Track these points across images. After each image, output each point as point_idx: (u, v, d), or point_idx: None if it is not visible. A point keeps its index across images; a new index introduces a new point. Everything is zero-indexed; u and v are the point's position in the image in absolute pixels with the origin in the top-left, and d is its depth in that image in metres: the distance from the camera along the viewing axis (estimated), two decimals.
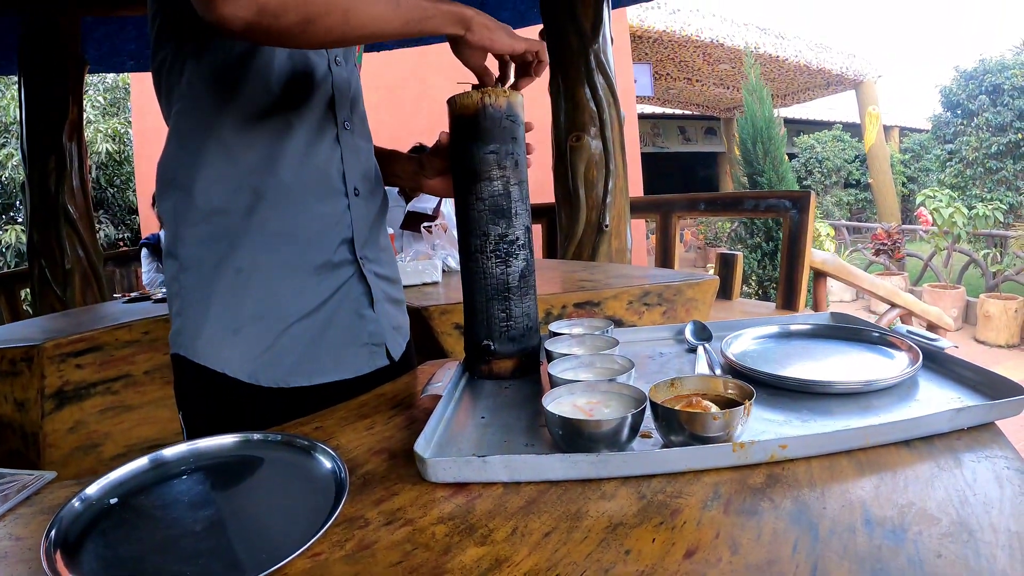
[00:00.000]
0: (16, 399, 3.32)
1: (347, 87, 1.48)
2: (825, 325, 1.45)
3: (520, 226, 1.31)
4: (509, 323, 1.32)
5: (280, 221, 1.37)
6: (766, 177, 11.48)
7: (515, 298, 1.32)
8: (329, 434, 1.20)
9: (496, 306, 1.31)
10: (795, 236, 4.90)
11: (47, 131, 5.39)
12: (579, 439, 0.96)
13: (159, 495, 1.03)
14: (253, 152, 1.34)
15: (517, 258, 1.31)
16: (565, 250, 4.99)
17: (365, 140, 1.55)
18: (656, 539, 0.77)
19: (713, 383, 1.06)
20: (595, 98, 4.78)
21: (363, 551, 0.82)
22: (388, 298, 1.59)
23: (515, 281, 1.31)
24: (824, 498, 0.82)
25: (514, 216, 1.30)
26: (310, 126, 1.39)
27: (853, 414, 1.04)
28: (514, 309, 1.32)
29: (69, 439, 3.38)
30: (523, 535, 0.82)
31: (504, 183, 1.29)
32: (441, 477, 0.96)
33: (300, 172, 1.37)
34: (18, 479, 1.15)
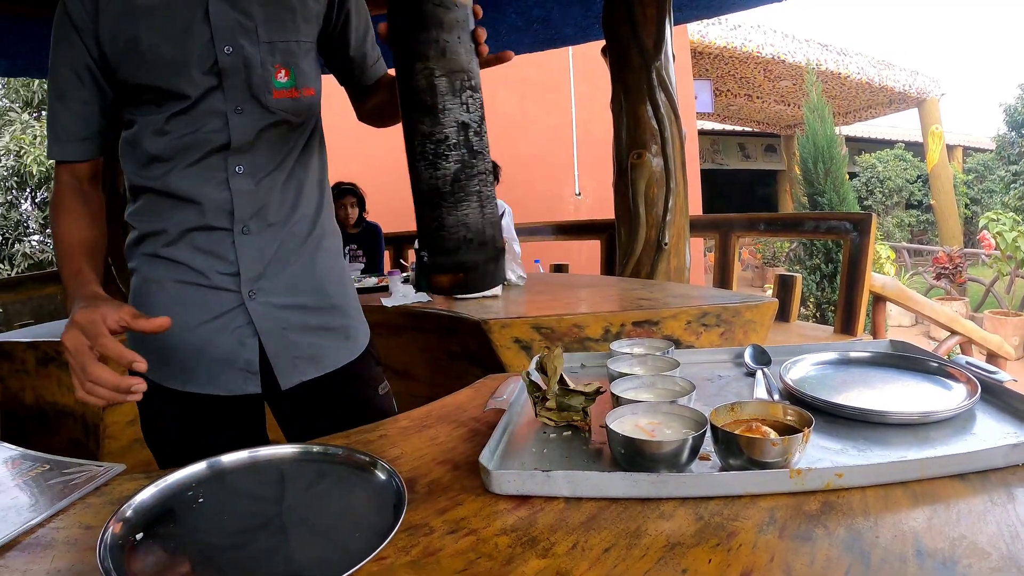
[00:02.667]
0: None
1: (247, 133, 1.49)
2: (884, 354, 1.45)
3: (450, 123, 1.16)
4: (442, 233, 1.19)
5: (173, 249, 1.51)
6: (827, 197, 11.23)
7: (447, 205, 1.18)
8: (393, 443, 1.25)
9: (427, 213, 1.20)
10: (855, 259, 4.83)
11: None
12: (640, 458, 0.98)
13: (219, 499, 1.08)
14: (152, 193, 1.51)
15: (447, 160, 1.16)
16: (624, 267, 4.95)
17: (270, 177, 1.55)
18: (712, 560, 0.79)
19: (772, 409, 1.07)
20: (657, 115, 4.73)
21: (427, 558, 0.85)
22: (299, 328, 1.60)
23: (446, 186, 1.17)
24: (877, 527, 0.83)
25: (441, 112, 1.15)
26: (194, 174, 1.47)
27: (910, 445, 1.05)
28: (447, 218, 1.18)
29: (128, 431, 3.48)
30: (583, 550, 0.84)
31: (427, 76, 1.15)
32: (505, 489, 0.99)
33: (184, 211, 1.49)
34: (87, 469, 1.21)
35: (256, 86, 1.46)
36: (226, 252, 1.51)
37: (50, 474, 1.22)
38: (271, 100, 1.48)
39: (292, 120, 1.54)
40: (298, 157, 1.58)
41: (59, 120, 1.47)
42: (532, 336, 3.06)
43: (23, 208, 13.00)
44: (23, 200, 13.00)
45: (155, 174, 1.47)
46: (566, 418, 1.21)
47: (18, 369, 3.52)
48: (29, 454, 1.32)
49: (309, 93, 1.55)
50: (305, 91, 1.54)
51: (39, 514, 1.05)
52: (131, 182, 1.53)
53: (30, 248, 12.68)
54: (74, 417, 3.49)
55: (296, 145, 1.58)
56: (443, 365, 3.57)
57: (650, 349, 1.47)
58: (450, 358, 3.50)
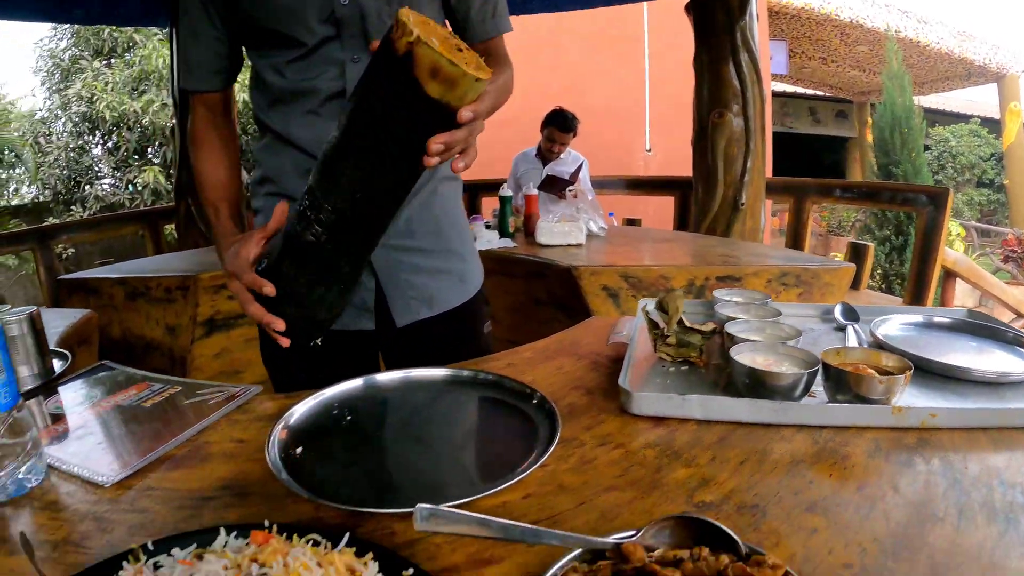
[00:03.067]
0: (168, 324, 3.63)
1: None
2: (964, 321, 1.53)
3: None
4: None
5: (295, 192, 1.48)
6: (902, 168, 10.91)
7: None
8: (522, 371, 1.36)
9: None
10: (929, 233, 4.73)
11: None
12: (762, 388, 1.10)
13: (375, 415, 1.20)
14: (274, 135, 1.55)
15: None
16: (699, 224, 4.99)
17: None
18: (832, 475, 0.93)
19: (874, 356, 1.18)
20: (739, 76, 4.70)
21: (585, 465, 0.99)
22: (415, 269, 1.63)
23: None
24: (965, 461, 0.96)
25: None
26: (312, 121, 1.50)
27: (989, 400, 1.16)
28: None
29: (214, 364, 3.69)
30: (721, 462, 0.97)
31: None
32: (643, 410, 1.12)
33: (303, 157, 1.51)
34: (223, 390, 1.34)
35: (373, 36, 1.40)
36: None
37: (183, 395, 1.33)
38: None
39: None
40: None
41: (192, 55, 1.52)
42: (620, 284, 3.16)
43: (94, 152, 13.25)
44: (94, 145, 13.25)
45: (276, 117, 1.52)
46: (683, 354, 1.32)
47: (105, 304, 3.67)
48: (156, 376, 1.43)
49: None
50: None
51: (186, 430, 1.15)
52: (257, 118, 1.58)
53: (101, 191, 12.95)
54: (161, 350, 3.69)
55: None
56: (527, 309, 3.68)
57: (748, 299, 1.56)
58: (535, 303, 3.61)
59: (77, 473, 1.02)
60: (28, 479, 0.98)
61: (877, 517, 0.82)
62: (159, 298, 3.61)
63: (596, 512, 0.86)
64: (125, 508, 0.93)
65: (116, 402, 1.30)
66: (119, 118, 12.41)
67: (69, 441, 1.14)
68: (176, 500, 0.94)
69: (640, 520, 0.81)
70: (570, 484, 0.93)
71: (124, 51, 13.27)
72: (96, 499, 0.96)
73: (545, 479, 0.95)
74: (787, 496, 0.87)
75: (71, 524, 0.89)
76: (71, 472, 1.03)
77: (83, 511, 0.93)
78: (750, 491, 0.89)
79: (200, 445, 1.11)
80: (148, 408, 1.27)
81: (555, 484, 0.93)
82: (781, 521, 0.82)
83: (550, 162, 5.15)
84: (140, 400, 1.30)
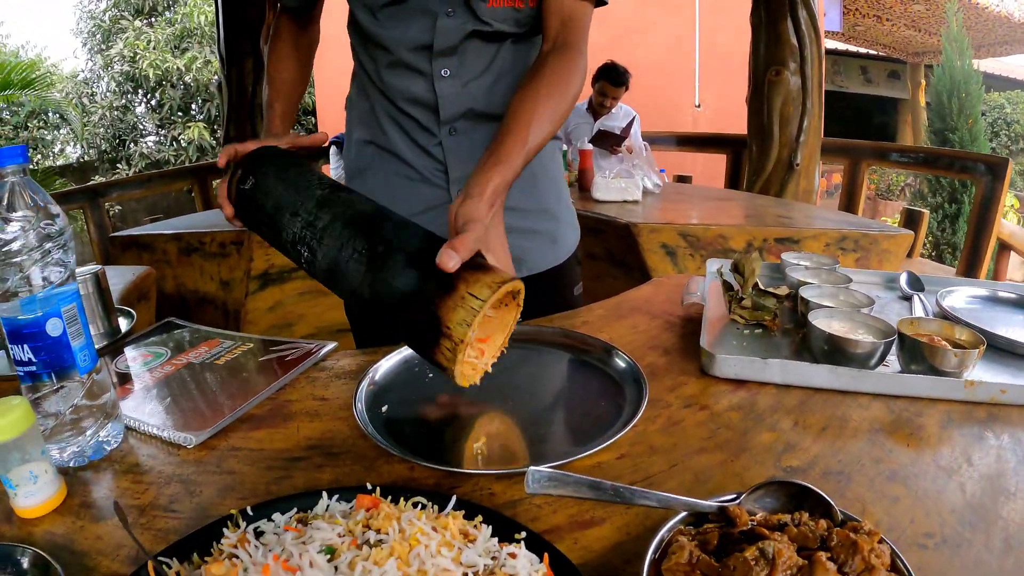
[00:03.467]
0: (222, 278, 3.70)
1: (451, 38, 1.43)
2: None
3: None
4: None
5: (386, 139, 1.56)
6: (958, 135, 10.45)
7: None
8: (598, 328, 1.37)
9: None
10: (986, 203, 4.56)
11: (245, 35, 5.68)
12: (840, 355, 1.11)
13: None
14: (368, 80, 1.55)
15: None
16: (752, 184, 4.94)
17: (479, 80, 1.49)
18: (909, 444, 0.94)
19: (946, 328, 1.17)
20: (797, 32, 4.56)
21: (674, 427, 1.00)
22: (508, 228, 1.50)
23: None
24: None
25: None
26: (403, 72, 1.49)
27: None
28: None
29: (267, 317, 3.75)
30: (803, 428, 0.98)
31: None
32: (725, 372, 1.13)
33: (395, 107, 1.52)
34: (298, 347, 1.33)
35: None
36: (435, 150, 1.52)
37: (256, 352, 1.34)
38: (483, 8, 1.40)
39: (505, 30, 1.44)
40: (512, 61, 1.50)
41: None
42: (678, 243, 3.16)
43: (138, 111, 13.40)
44: (138, 103, 13.39)
45: (368, 63, 1.51)
46: (757, 317, 1.32)
47: (159, 259, 3.72)
48: (226, 333, 1.44)
49: (532, 4, 1.43)
50: (531, 1, 1.43)
51: (265, 388, 1.16)
52: (355, 58, 1.58)
53: (146, 149, 13.11)
54: (215, 304, 3.77)
55: (508, 53, 1.50)
56: (582, 264, 3.58)
57: (817, 264, 1.56)
58: (590, 258, 3.59)
59: (157, 434, 1.03)
60: (108, 441, 0.99)
61: (954, 488, 0.83)
62: (213, 253, 3.67)
63: (689, 474, 0.88)
64: (211, 469, 0.94)
65: (188, 360, 1.30)
66: (162, 76, 12.56)
67: (143, 401, 1.14)
68: (263, 461, 0.95)
69: (732, 482, 0.84)
70: (661, 445, 0.95)
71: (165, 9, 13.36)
72: (180, 460, 0.97)
73: (636, 439, 0.96)
74: (868, 464, 0.89)
75: (157, 487, 0.90)
76: (150, 433, 1.04)
77: (168, 473, 0.94)
78: (834, 457, 0.90)
79: (281, 404, 1.13)
80: (221, 366, 1.27)
81: (646, 445, 0.95)
82: (865, 488, 0.84)
83: (601, 116, 5.12)
84: (212, 357, 1.31)
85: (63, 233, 0.93)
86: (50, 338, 0.92)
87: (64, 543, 0.80)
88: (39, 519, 0.85)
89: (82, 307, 0.97)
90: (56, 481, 0.87)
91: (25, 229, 0.88)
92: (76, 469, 0.95)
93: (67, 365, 0.94)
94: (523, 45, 1.49)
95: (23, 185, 0.90)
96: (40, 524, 0.85)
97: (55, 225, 0.91)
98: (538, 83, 1.30)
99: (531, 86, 1.30)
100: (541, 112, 1.25)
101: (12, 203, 0.88)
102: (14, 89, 9.09)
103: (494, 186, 1.10)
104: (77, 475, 0.94)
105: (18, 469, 0.83)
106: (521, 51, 1.49)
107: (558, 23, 1.39)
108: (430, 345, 0.88)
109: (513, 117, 1.25)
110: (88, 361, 0.97)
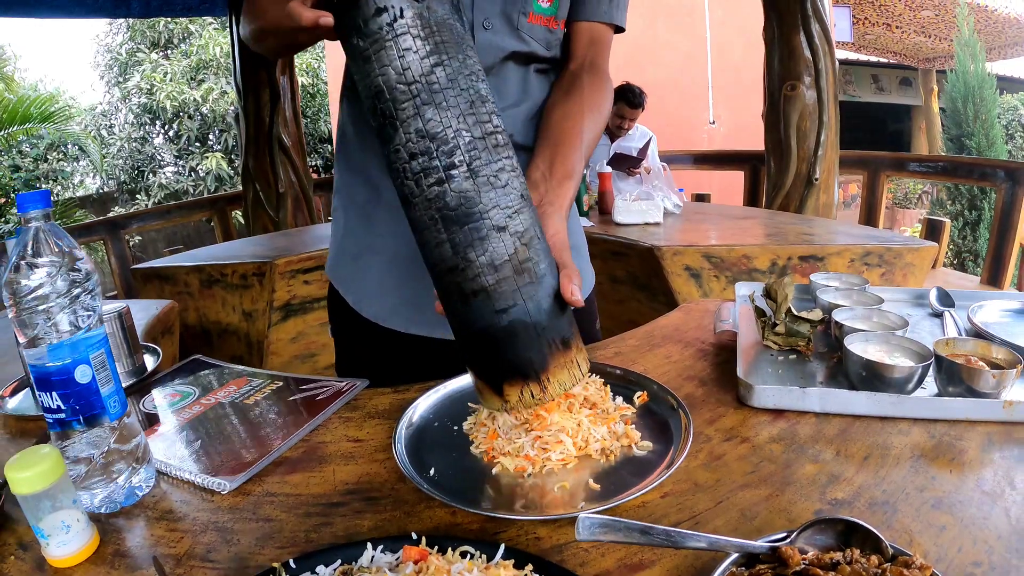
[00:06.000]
0: (244, 310, 3.71)
1: (490, 57, 1.37)
2: None
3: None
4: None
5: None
6: (975, 141, 10.36)
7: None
8: (632, 360, 1.36)
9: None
10: (1007, 210, 4.56)
11: (261, 66, 5.70)
12: (878, 381, 1.09)
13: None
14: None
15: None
16: (772, 200, 4.89)
17: (514, 111, 1.41)
18: (952, 470, 0.92)
19: (982, 347, 1.15)
20: (811, 46, 4.55)
21: (716, 461, 0.99)
22: None
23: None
24: None
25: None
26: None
27: None
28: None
29: (290, 348, 3.77)
30: (846, 457, 0.96)
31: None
32: (763, 403, 1.12)
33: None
34: (328, 384, 1.32)
35: (511, 1, 1.33)
36: None
37: (287, 390, 1.32)
38: (523, 22, 1.34)
39: (540, 53, 1.39)
40: (540, 92, 1.44)
41: None
42: (702, 265, 3.15)
43: (156, 142, 13.57)
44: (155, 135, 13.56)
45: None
46: (791, 343, 1.31)
47: (181, 291, 3.76)
48: (255, 371, 1.43)
49: (562, 27, 1.41)
50: (561, 24, 1.41)
51: (297, 429, 1.15)
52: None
53: (164, 179, 13.28)
54: (238, 336, 3.78)
55: (536, 82, 1.44)
56: (604, 289, 3.64)
57: (847, 284, 1.54)
58: (612, 281, 3.60)
59: (189, 479, 1.02)
60: (139, 487, 0.99)
61: (999, 514, 0.82)
62: (235, 284, 3.69)
63: (735, 511, 0.86)
64: (248, 517, 0.93)
65: (217, 399, 1.29)
66: (179, 107, 12.75)
67: (172, 443, 1.13)
68: (301, 507, 0.94)
69: (778, 519, 0.82)
70: (705, 482, 0.93)
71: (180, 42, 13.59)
72: (215, 507, 0.95)
73: (679, 477, 0.95)
74: (913, 492, 0.87)
75: (192, 535, 0.89)
76: (182, 478, 1.03)
77: (203, 520, 0.92)
78: (878, 487, 0.89)
79: (315, 446, 1.12)
80: (251, 405, 1.26)
81: (690, 482, 0.94)
82: (911, 519, 0.82)
83: (618, 139, 5.14)
84: (242, 397, 1.30)
85: (89, 278, 0.93)
86: (79, 385, 0.91)
87: None
88: (72, 568, 0.85)
89: (110, 352, 0.97)
90: (89, 529, 0.87)
91: (51, 275, 0.88)
92: (108, 516, 0.95)
93: (97, 412, 0.94)
94: (544, 79, 1.45)
95: (47, 231, 0.90)
96: (73, 574, 0.84)
97: (81, 271, 0.91)
98: (580, 99, 1.30)
99: (573, 100, 1.30)
100: (587, 126, 1.26)
101: (38, 249, 0.89)
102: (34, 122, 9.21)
103: (569, 201, 1.11)
104: (109, 522, 0.93)
105: (49, 518, 0.83)
106: (544, 84, 1.45)
107: (587, 43, 1.41)
108: (510, 377, 0.89)
109: (563, 129, 1.24)
110: (118, 407, 0.97)
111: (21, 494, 0.82)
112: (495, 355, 0.90)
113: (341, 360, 1.62)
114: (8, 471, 0.81)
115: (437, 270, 0.91)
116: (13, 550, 0.88)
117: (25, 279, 0.87)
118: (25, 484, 0.81)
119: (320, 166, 13.91)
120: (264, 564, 0.80)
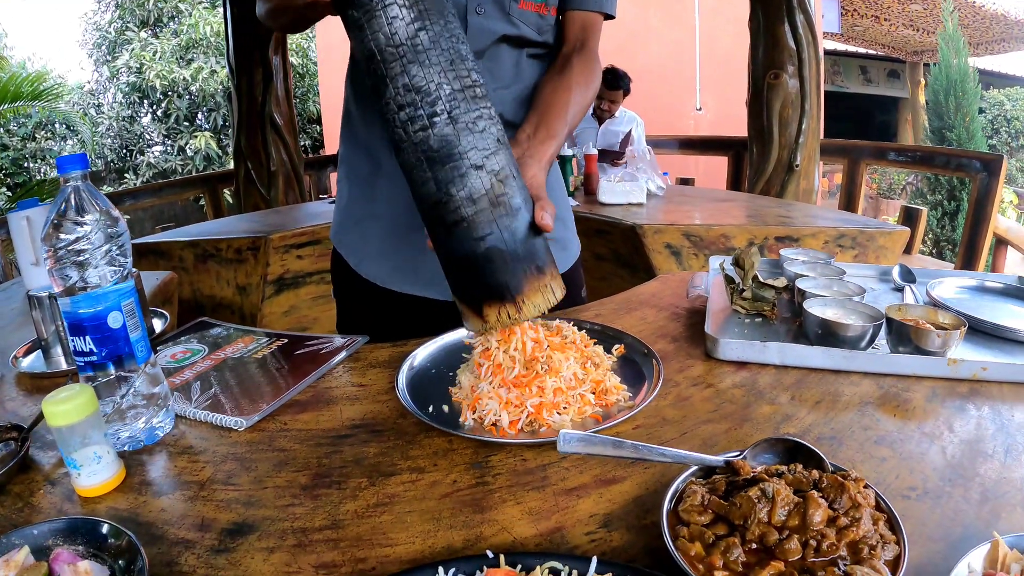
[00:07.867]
0: (238, 284, 3.79)
1: (482, 40, 1.43)
2: (1015, 286, 1.58)
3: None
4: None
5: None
6: (955, 133, 10.44)
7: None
8: (610, 320, 1.46)
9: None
10: (982, 199, 4.70)
11: (254, 46, 5.72)
12: (833, 338, 1.20)
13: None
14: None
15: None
16: (753, 185, 5.06)
17: (505, 92, 1.48)
18: (896, 415, 1.04)
19: (931, 313, 1.26)
20: (795, 36, 4.68)
21: (683, 402, 1.10)
22: None
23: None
24: (1012, 410, 1.05)
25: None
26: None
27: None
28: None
29: (283, 321, 3.84)
30: (800, 402, 1.08)
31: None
32: (727, 355, 1.23)
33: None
34: (331, 341, 1.42)
35: None
36: None
37: (291, 347, 1.41)
38: (515, 7, 1.41)
39: (532, 37, 1.46)
40: (531, 76, 1.51)
41: None
42: (682, 243, 3.27)
43: (144, 121, 13.48)
44: (144, 114, 13.47)
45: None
46: (757, 307, 1.42)
47: (176, 266, 3.80)
48: (260, 330, 1.52)
49: (553, 13, 1.48)
50: (552, 10, 1.47)
51: (306, 377, 1.24)
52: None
53: (153, 159, 13.20)
54: (232, 309, 3.86)
55: (528, 66, 1.51)
56: (588, 266, 3.60)
57: (813, 259, 1.65)
58: (596, 259, 3.71)
59: (206, 419, 1.11)
60: (160, 427, 1.07)
61: (936, 452, 0.93)
62: (230, 259, 3.76)
63: (698, 440, 0.98)
64: (264, 448, 1.02)
65: (226, 355, 1.37)
66: (168, 86, 12.62)
67: (187, 392, 1.21)
68: (313, 439, 1.04)
69: (736, 447, 0.93)
70: (672, 417, 1.05)
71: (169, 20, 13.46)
72: (232, 442, 1.04)
73: (650, 413, 1.06)
74: (858, 431, 0.99)
75: (214, 464, 0.98)
76: (200, 419, 1.11)
77: (223, 453, 1.01)
78: (827, 425, 1.00)
79: (322, 391, 1.21)
80: (260, 359, 1.35)
81: (659, 417, 1.05)
82: (855, 451, 0.93)
83: (604, 121, 5.25)
84: (250, 352, 1.38)
85: (123, 234, 1.01)
86: (111, 330, 1.00)
87: (129, 516, 0.87)
88: (101, 497, 0.92)
89: (139, 302, 1.05)
90: (117, 462, 0.94)
91: (92, 230, 0.96)
92: (132, 453, 1.02)
93: (126, 355, 1.02)
94: (538, 64, 1.52)
95: (87, 189, 0.98)
96: (103, 502, 0.91)
97: (117, 227, 1.00)
98: (569, 75, 1.39)
99: (563, 77, 1.39)
100: (574, 100, 1.35)
101: (80, 205, 0.97)
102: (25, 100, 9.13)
103: (549, 157, 1.20)
104: (134, 457, 1.01)
105: (82, 451, 0.90)
106: (537, 69, 1.52)
107: (579, 28, 1.49)
108: (489, 299, 1.00)
109: (550, 101, 1.34)
110: (144, 351, 1.05)
111: (57, 426, 0.88)
112: (475, 279, 1.01)
113: (342, 320, 1.72)
114: (46, 405, 0.88)
115: (424, 205, 1.03)
116: (42, 486, 0.96)
117: (66, 233, 0.95)
118: (62, 416, 0.88)
119: (309, 147, 13.86)
120: (282, 485, 0.89)
